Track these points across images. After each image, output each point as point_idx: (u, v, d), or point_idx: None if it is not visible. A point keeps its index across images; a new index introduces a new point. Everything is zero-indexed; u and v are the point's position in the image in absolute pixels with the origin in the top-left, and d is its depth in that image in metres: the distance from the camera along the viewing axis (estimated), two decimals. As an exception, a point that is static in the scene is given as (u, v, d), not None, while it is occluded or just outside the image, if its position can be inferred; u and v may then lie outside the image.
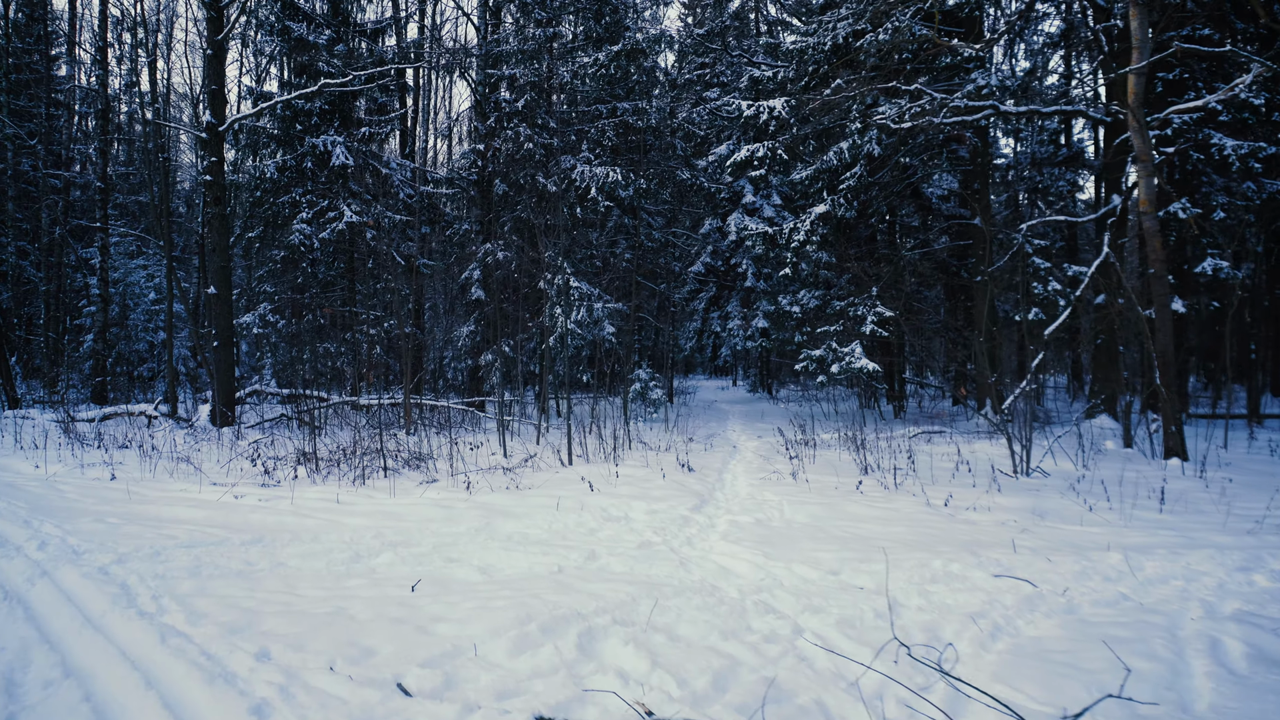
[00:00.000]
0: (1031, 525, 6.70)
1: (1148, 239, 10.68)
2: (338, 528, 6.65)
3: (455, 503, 7.64)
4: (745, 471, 10.25)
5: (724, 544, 6.05)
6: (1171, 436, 10.60)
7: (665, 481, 8.89)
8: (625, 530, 6.54)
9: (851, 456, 10.87)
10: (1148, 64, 10.30)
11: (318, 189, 18.26)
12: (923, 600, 4.75)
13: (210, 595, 4.54)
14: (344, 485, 8.69)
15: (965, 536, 6.33)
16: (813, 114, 16.27)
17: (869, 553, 5.78)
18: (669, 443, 13.00)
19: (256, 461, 9.33)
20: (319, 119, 18.48)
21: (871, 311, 17.02)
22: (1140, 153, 10.57)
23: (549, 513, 7.17)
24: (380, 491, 8.34)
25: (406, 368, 13.66)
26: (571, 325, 18.21)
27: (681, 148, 22.91)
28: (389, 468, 9.74)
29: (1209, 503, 7.68)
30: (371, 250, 17.81)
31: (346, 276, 19.07)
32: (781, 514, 7.24)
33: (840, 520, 6.90)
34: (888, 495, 8.09)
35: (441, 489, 8.38)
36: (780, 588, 4.97)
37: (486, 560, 5.46)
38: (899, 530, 6.51)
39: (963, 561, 5.50)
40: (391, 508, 7.43)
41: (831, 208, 17.04)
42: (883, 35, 16.05)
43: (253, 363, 21.80)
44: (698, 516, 7.21)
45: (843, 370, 16.54)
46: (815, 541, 6.14)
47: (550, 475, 9.49)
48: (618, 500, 7.71)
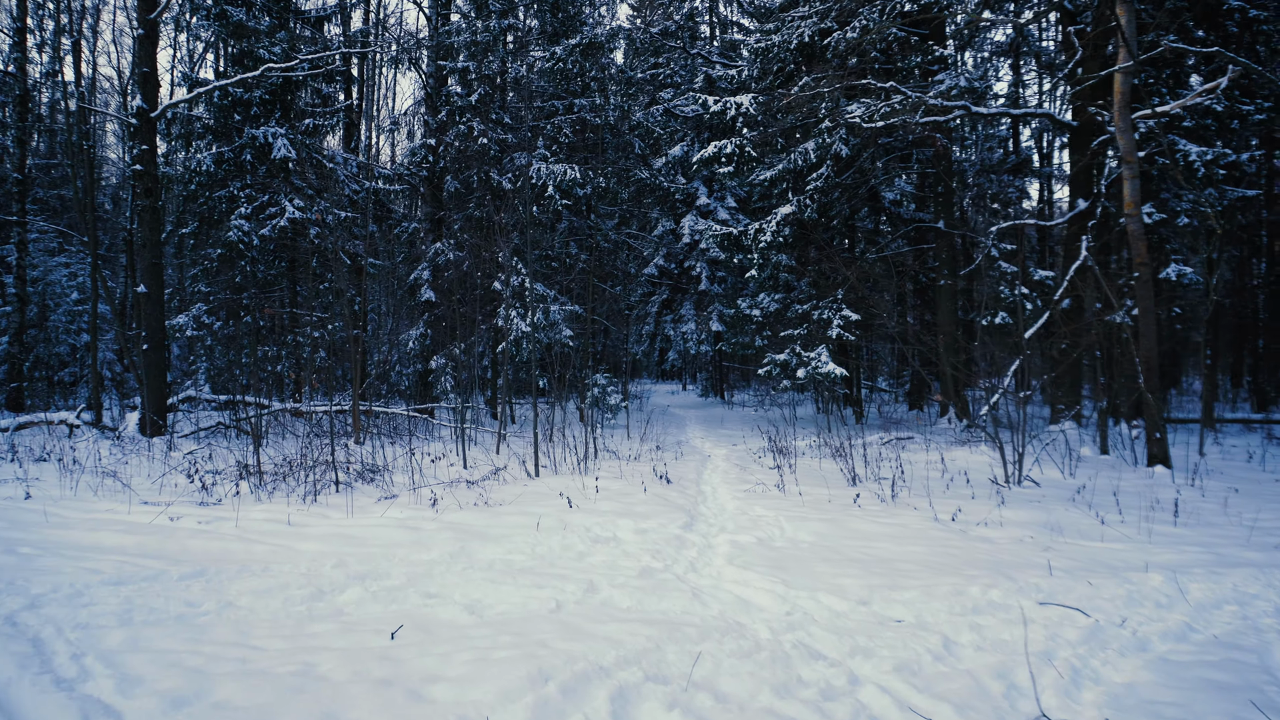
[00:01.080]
0: (1052, 542, 6.25)
1: (1133, 242, 10.45)
2: (291, 555, 5.85)
3: (422, 523, 6.88)
4: (724, 482, 9.69)
5: (732, 569, 5.45)
6: (1155, 443, 10.38)
7: (646, 495, 8.26)
8: (618, 554, 5.89)
9: (834, 465, 10.39)
10: (1135, 64, 10.06)
11: (258, 183, 17.17)
12: (975, 636, 4.21)
13: (146, 650, 3.75)
14: (293, 503, 7.85)
15: (987, 556, 5.85)
16: (781, 111, 15.84)
17: (893, 577, 5.24)
18: (637, 451, 12.38)
19: (194, 476, 8.40)
20: (259, 109, 17.39)
21: (837, 315, 16.66)
22: (1126, 154, 10.33)
23: (529, 534, 6.48)
24: (335, 510, 7.53)
25: (356, 372, 12.76)
26: (528, 328, 17.48)
27: (640, 146, 22.33)
28: (341, 481, 8.92)
29: (1216, 514, 7.37)
30: (316, 248, 16.80)
31: (288, 276, 17.99)
32: (783, 532, 6.67)
33: (848, 539, 6.36)
34: (888, 509, 7.60)
35: (404, 506, 7.61)
36: (813, 623, 4.39)
37: (472, 595, 4.76)
38: (916, 550, 5.99)
39: (1001, 587, 4.99)
40: (350, 529, 6.64)
41: (798, 208, 16.64)
42: (850, 33, 15.73)
43: (184, 367, 20.48)
44: (692, 536, 6.60)
45: (809, 375, 16.14)
46: (830, 565, 5.58)
47: (519, 489, 8.78)
48: (601, 518, 7.05)
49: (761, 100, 16.10)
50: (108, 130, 32.60)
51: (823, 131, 15.13)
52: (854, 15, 16.14)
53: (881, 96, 14.76)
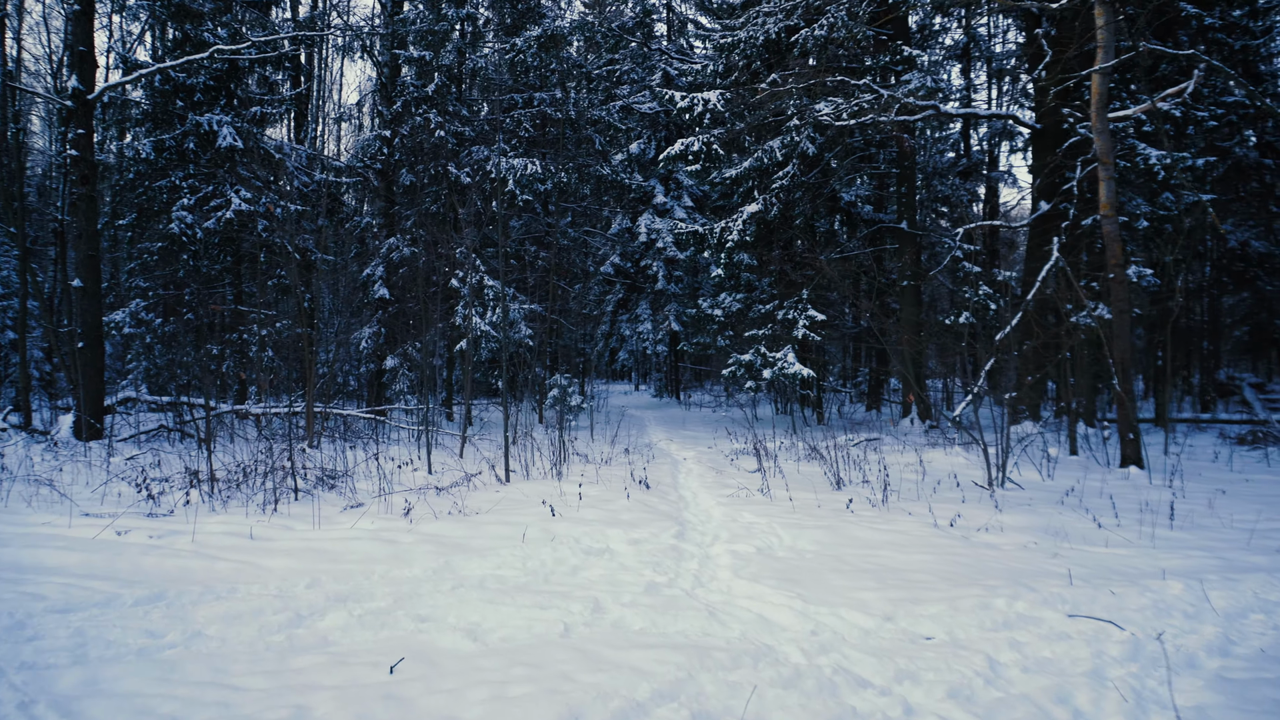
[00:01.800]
0: (1056, 548, 6.08)
1: (1108, 243, 10.44)
2: (259, 573, 5.36)
3: (397, 535, 6.42)
4: (703, 487, 9.38)
5: (742, 584, 5.13)
6: (1129, 444, 10.39)
7: (630, 502, 7.90)
8: (615, 568, 5.53)
9: (814, 468, 10.17)
10: (1113, 65, 10.05)
11: (201, 173, 16.34)
12: (1017, 655, 3.96)
13: (108, 695, 3.26)
14: (252, 513, 7.29)
15: (997, 564, 5.63)
16: (750, 108, 15.63)
17: (912, 590, 4.98)
18: (607, 454, 12.00)
19: (141, 485, 7.76)
20: (203, 96, 16.54)
21: (803, 315, 16.51)
22: (1102, 155, 10.32)
23: (515, 546, 6.07)
24: (299, 521, 7.00)
25: (310, 372, 12.14)
26: (486, 327, 16.99)
27: (600, 142, 21.93)
28: (300, 489, 8.37)
29: (1205, 516, 7.31)
30: (264, 243, 16.04)
31: (233, 271, 17.16)
32: (781, 541, 6.38)
33: (852, 548, 6.09)
34: (881, 514, 7.37)
35: (374, 516, 7.12)
36: (844, 644, 4.09)
37: (469, 618, 4.34)
38: (924, 559, 5.75)
39: (1025, 599, 4.76)
40: (320, 543, 6.14)
41: (764, 207, 16.45)
42: (819, 31, 15.59)
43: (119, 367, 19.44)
44: (688, 546, 6.26)
45: (776, 376, 15.96)
46: (842, 576, 5.30)
47: (493, 495, 8.35)
48: (588, 528, 6.67)
49: (729, 97, 15.86)
50: (34, 120, 30.96)
51: (791, 130, 14.95)
52: (821, 13, 16.01)
53: (853, 94, 14.65)
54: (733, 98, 15.91)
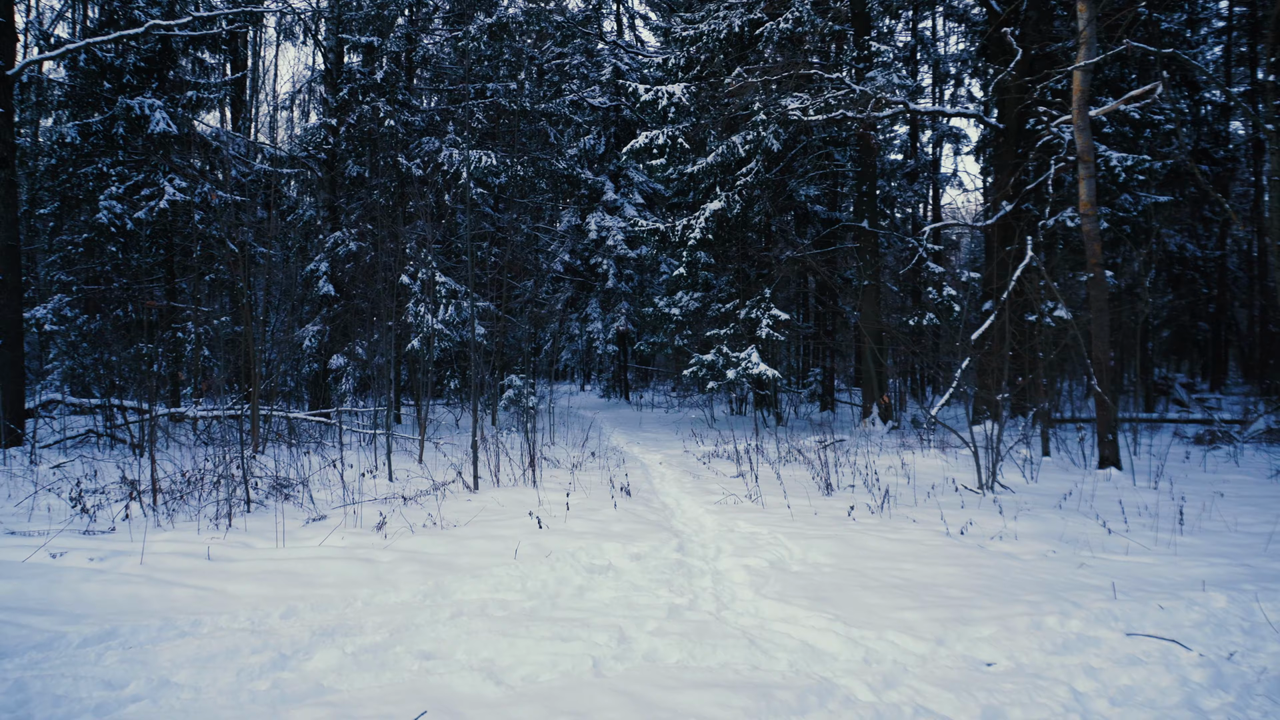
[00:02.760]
0: (1078, 557, 5.82)
1: (1088, 242, 10.35)
2: (224, 601, 4.72)
3: (373, 552, 5.82)
4: (684, 493, 8.96)
5: (770, 604, 4.70)
6: (1107, 445, 10.30)
7: (618, 511, 7.41)
8: (626, 588, 5.04)
9: (797, 472, 9.82)
10: (1092, 62, 9.94)
11: (131, 160, 15.26)
12: (1096, 683, 3.62)
13: (66, 770, 2.66)
14: (204, 528, 6.58)
15: (1028, 577, 5.33)
16: (715, 102, 15.27)
17: (953, 608, 4.62)
18: (574, 459, 11.47)
19: (76, 498, 6.96)
20: (133, 77, 15.45)
21: (766, 315, 16.22)
22: (1083, 153, 10.22)
23: (508, 564, 5.54)
24: (259, 537, 6.33)
25: (255, 373, 11.32)
26: (439, 325, 16.28)
27: (554, 135, 21.33)
28: (253, 500, 7.67)
29: (1207, 520, 7.16)
30: (200, 235, 15.05)
31: (166, 265, 16.08)
32: (791, 553, 5.98)
33: (869, 560, 5.72)
34: (884, 521, 7.03)
35: (342, 531, 6.48)
36: (906, 674, 3.69)
37: (480, 654, 3.81)
38: (949, 572, 5.41)
39: (1075, 616, 4.45)
40: (288, 563, 5.51)
41: (726, 204, 16.11)
42: (784, 24, 15.32)
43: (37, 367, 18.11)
44: (694, 561, 5.81)
45: (740, 376, 15.64)
46: (871, 593, 4.92)
47: (466, 505, 7.77)
48: (582, 541, 6.17)
49: (693, 90, 15.47)
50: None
51: (758, 125, 14.63)
52: (785, 6, 15.75)
53: (820, 90, 14.41)
54: (698, 91, 15.53)
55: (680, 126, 15.35)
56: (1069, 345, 12.24)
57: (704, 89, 15.64)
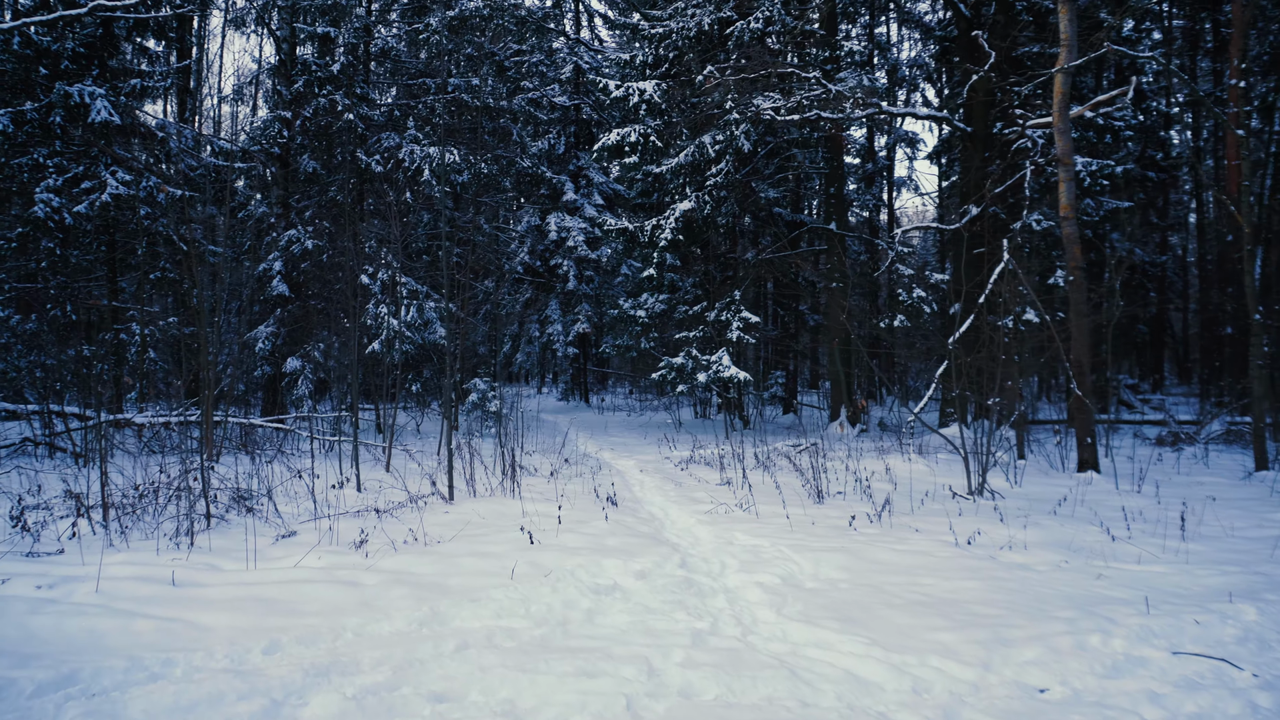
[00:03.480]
0: (1093, 567, 5.65)
1: (1067, 245, 10.31)
2: (197, 635, 4.25)
3: (356, 574, 5.37)
4: (670, 503, 8.65)
5: (796, 626, 4.40)
6: (1086, 448, 10.27)
7: (609, 524, 7.05)
8: (639, 611, 4.70)
9: (782, 479, 9.56)
10: (1073, 65, 9.90)
11: (70, 150, 14.40)
12: (1163, 711, 3.41)
13: None
14: (163, 547, 6.05)
15: (1050, 590, 5.12)
16: (686, 100, 15.00)
17: (986, 627, 4.37)
18: (550, 466, 11.07)
19: (16, 516, 6.34)
20: (72, 64, 14.59)
21: (736, 317, 16.01)
22: (1063, 155, 10.18)
23: (505, 585, 5.15)
24: (226, 557, 5.83)
25: (209, 376, 10.69)
26: (400, 327, 15.73)
27: (517, 133, 20.85)
28: (212, 514, 7.13)
29: (1203, 525, 7.07)
30: (146, 231, 14.27)
31: (108, 262, 15.22)
32: (801, 568, 5.69)
33: (885, 575, 5.47)
34: (887, 531, 6.80)
35: (318, 549, 6.01)
36: (964, 706, 3.43)
37: (499, 694, 3.44)
38: (970, 586, 5.18)
39: (1117, 635, 4.24)
40: (263, 588, 5.04)
41: (697, 205, 15.85)
42: (754, 24, 15.13)
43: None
44: (701, 579, 5.50)
45: (712, 379, 15.39)
46: (897, 611, 4.65)
47: (443, 518, 7.33)
48: (580, 559, 5.80)
49: (664, 88, 15.18)
50: None
51: (731, 123, 14.39)
52: (756, 5, 15.57)
53: (792, 90, 14.23)
54: (669, 89, 15.24)
55: (653, 124, 15.04)
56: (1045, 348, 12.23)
57: (674, 87, 15.37)
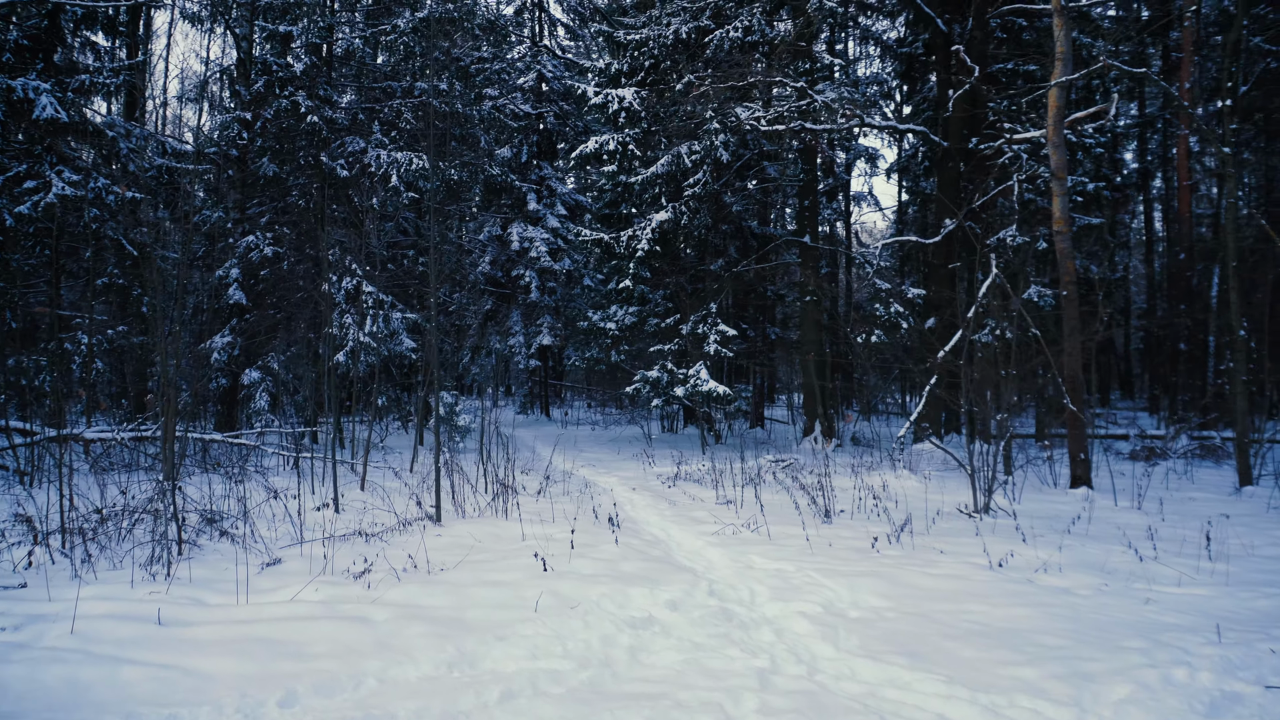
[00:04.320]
0: (1135, 591, 5.46)
1: (1061, 260, 10.25)
2: (197, 686, 3.75)
3: (363, 608, 4.89)
4: (664, 521, 8.30)
5: (864, 663, 4.07)
6: (1080, 464, 10.20)
7: (621, 548, 6.64)
8: (686, 647, 4.32)
9: (780, 497, 9.26)
10: (1070, 79, 9.87)
11: (12, 148, 13.53)
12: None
13: None
14: (138, 579, 5.47)
15: (1101, 616, 4.89)
16: (664, 108, 14.74)
17: (1059, 660, 4.11)
18: (533, 484, 10.60)
19: (-33, 547, 5.71)
20: (13, 57, 13.74)
21: (714, 330, 15.76)
22: (1057, 169, 10.13)
23: (529, 619, 4.73)
24: (209, 588, 5.29)
25: (170, 390, 9.99)
26: (365, 338, 15.12)
27: (486, 141, 20.35)
28: (185, 540, 6.54)
29: (1221, 544, 6.96)
30: (94, 234, 13.46)
31: (50, 266, 14.33)
32: (839, 595, 5.38)
33: (926, 602, 5.18)
34: (913, 554, 6.53)
35: (313, 580, 5.49)
36: (1081, 758, 3.12)
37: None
38: (1022, 614, 4.91)
39: (1202, 668, 4.02)
40: (261, 625, 4.53)
41: (674, 215, 15.58)
42: (734, 33, 14.96)
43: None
44: (736, 608, 5.14)
45: (690, 393, 15.09)
46: (959, 643, 4.36)
47: (436, 541, 6.84)
48: (601, 587, 5.40)
49: (643, 95, 14.89)
50: None
51: (710, 133, 14.16)
52: (732, 16, 15.42)
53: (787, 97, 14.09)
54: (648, 97, 14.96)
55: (631, 133, 14.73)
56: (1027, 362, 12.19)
57: (653, 95, 15.09)
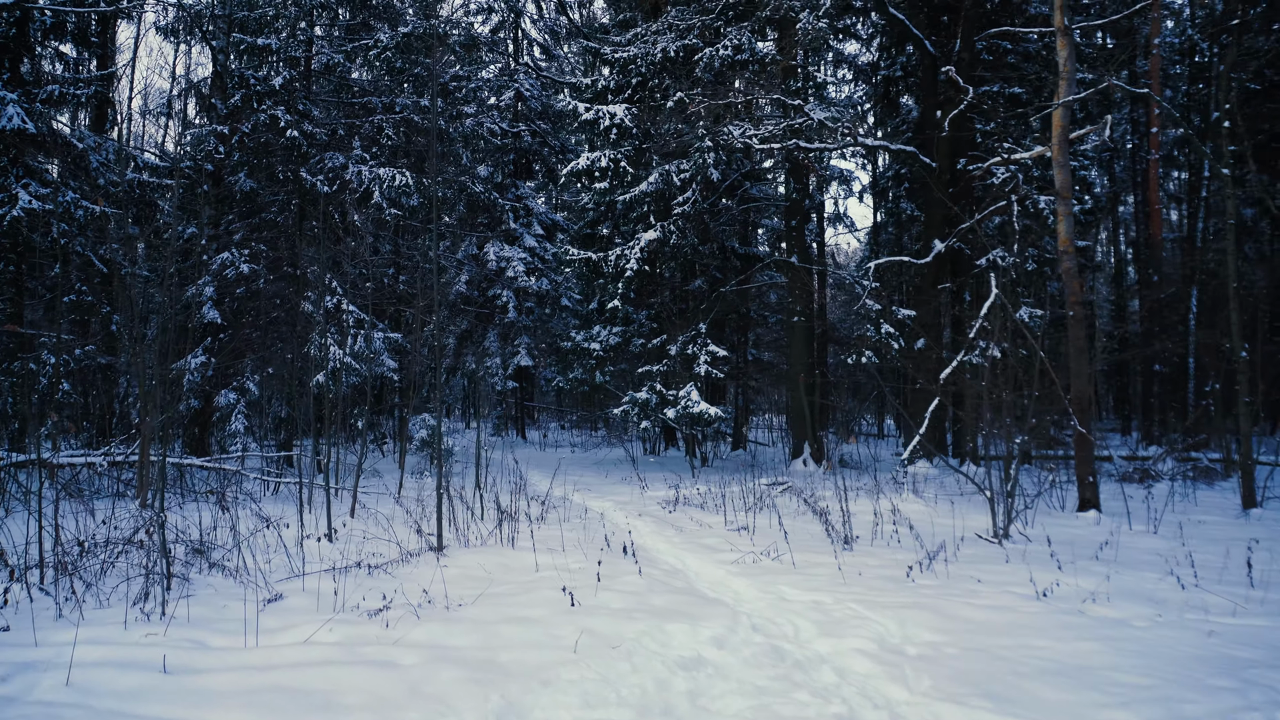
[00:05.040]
0: (1185, 621, 5.25)
1: (1067, 280, 10.17)
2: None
3: (386, 650, 4.49)
4: (674, 549, 8.00)
5: (948, 707, 3.79)
6: (1088, 487, 10.07)
7: (645, 580, 6.29)
8: (751, 691, 3.99)
9: (792, 523, 8.98)
10: (1075, 98, 9.84)
11: (-24, 159, 12.93)
12: None
13: None
14: (131, 618, 5.02)
15: (1172, 650, 4.67)
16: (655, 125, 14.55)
17: (1154, 702, 3.87)
18: (528, 509, 10.18)
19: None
20: (-22, 64, 13.20)
21: (704, 351, 15.51)
22: (1062, 188, 10.07)
23: (569, 660, 4.36)
24: (210, 629, 4.84)
25: (146, 409, 9.48)
26: (347, 358, 14.67)
27: (467, 159, 20.01)
28: (173, 574, 6.07)
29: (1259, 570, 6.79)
30: (61, 250, 12.88)
31: (14, 284, 13.69)
32: (889, 630, 5.09)
33: (984, 636, 4.91)
34: (947, 583, 6.27)
35: (324, 618, 5.08)
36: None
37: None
38: (1088, 649, 4.66)
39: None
40: (279, 672, 4.12)
41: (663, 235, 15.35)
42: (724, 51, 14.86)
43: None
44: (785, 645, 4.83)
45: (681, 415, 14.80)
46: (1038, 683, 4.09)
47: (446, 574, 6.44)
48: (635, 623, 5.06)
49: (634, 112, 14.69)
50: None
51: (701, 151, 13.98)
52: (722, 35, 15.33)
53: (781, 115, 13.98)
54: (640, 114, 14.76)
55: (623, 150, 14.51)
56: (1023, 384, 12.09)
57: (643, 112, 14.90)
